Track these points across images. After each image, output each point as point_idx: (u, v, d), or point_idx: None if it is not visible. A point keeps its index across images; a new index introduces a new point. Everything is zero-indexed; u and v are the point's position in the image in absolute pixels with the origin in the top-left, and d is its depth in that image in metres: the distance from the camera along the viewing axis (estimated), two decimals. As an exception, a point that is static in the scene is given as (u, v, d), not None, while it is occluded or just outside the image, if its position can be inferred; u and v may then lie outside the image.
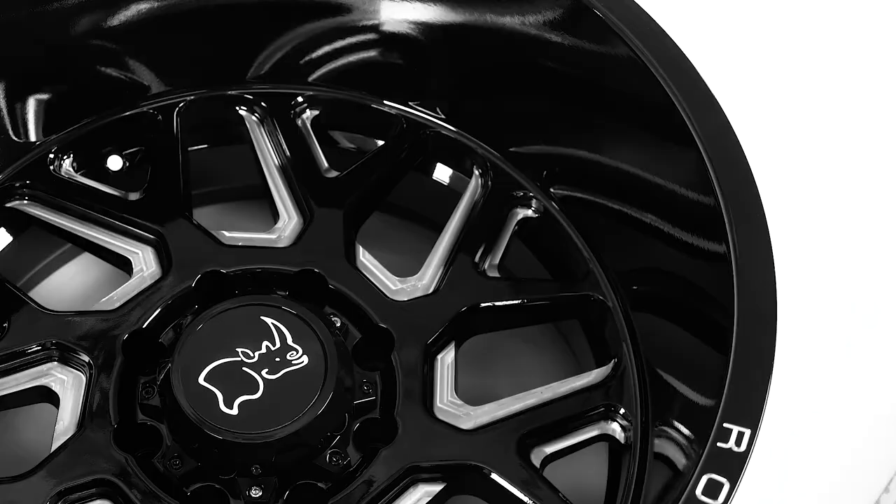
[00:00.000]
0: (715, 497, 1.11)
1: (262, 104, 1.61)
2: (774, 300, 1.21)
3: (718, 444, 1.14)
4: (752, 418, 1.14)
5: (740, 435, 1.14)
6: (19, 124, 1.57)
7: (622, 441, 1.41)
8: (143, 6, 1.57)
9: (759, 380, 1.17)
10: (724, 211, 1.29)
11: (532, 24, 1.50)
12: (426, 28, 1.57)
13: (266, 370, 1.37)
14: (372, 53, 1.62)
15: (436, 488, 1.37)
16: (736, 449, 1.13)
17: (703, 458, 1.13)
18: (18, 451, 1.55)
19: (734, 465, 1.12)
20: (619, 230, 1.51)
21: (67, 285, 1.67)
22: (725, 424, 1.14)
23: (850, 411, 1.21)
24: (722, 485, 1.12)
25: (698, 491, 1.11)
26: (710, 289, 1.35)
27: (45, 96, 1.58)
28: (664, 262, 1.46)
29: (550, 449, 1.41)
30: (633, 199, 1.49)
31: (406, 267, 1.53)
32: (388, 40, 1.61)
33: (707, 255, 1.34)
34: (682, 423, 1.35)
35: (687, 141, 1.33)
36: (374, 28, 1.60)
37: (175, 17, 1.60)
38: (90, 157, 1.60)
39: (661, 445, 1.37)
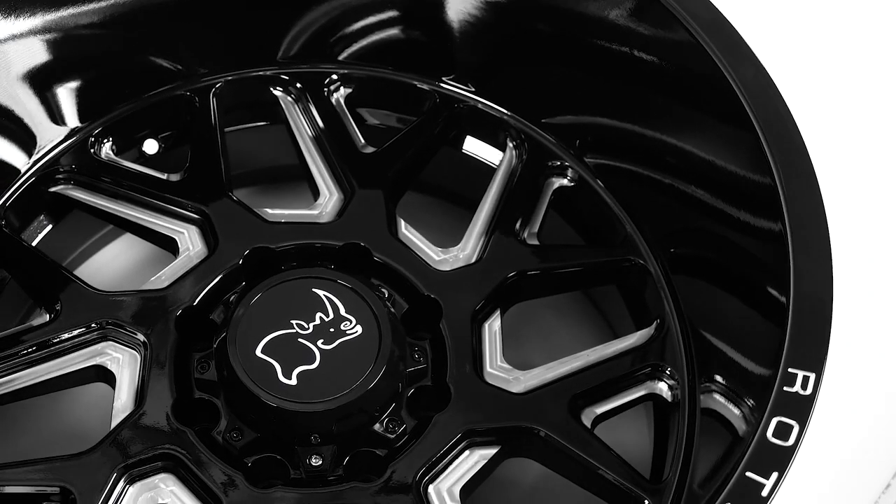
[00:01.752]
0: (786, 439, 1.15)
1: (297, 84, 1.63)
2: (829, 261, 1.25)
3: (785, 389, 1.17)
4: (815, 363, 1.18)
5: (805, 379, 1.18)
6: (57, 111, 1.59)
7: (669, 399, 1.45)
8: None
9: (820, 325, 1.20)
10: (765, 145, 1.32)
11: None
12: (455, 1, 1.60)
13: (321, 341, 1.39)
14: (401, 29, 1.65)
15: (490, 451, 1.40)
16: (802, 392, 1.17)
17: (770, 403, 1.16)
18: (70, 430, 1.57)
19: (802, 408, 1.16)
20: (654, 196, 1.54)
21: (108, 267, 1.69)
22: (790, 369, 1.18)
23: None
24: (791, 427, 1.15)
25: (769, 433, 1.15)
26: (753, 248, 1.39)
27: (81, 82, 1.59)
28: (702, 225, 1.49)
29: (600, 409, 1.44)
30: (669, 166, 1.52)
31: (437, 240, 1.56)
32: (417, 15, 1.63)
33: (754, 212, 1.38)
34: (729, 378, 1.39)
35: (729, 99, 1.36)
36: (403, 3, 1.63)
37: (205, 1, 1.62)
38: (127, 142, 1.63)
39: (708, 401, 1.41)
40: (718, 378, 1.41)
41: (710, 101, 1.43)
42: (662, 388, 1.45)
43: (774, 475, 1.13)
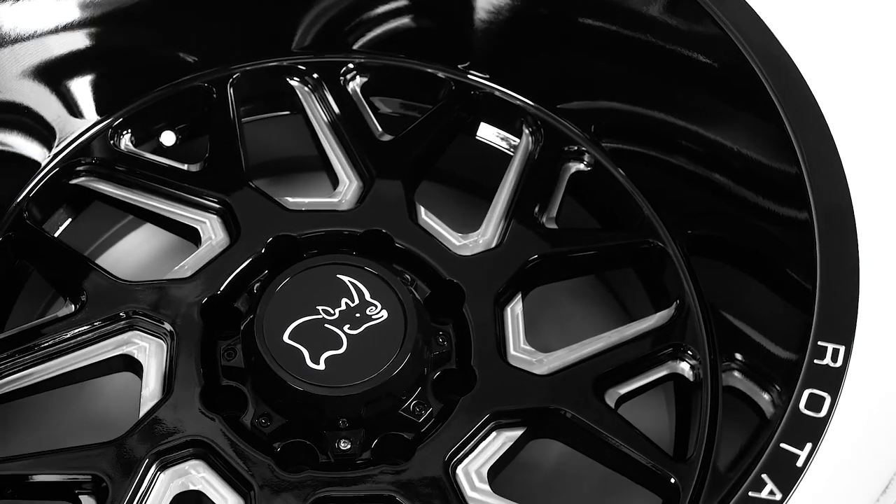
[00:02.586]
0: (818, 410, 1.17)
1: (314, 74, 1.64)
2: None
3: (815, 362, 1.19)
4: (844, 335, 1.20)
5: (835, 351, 1.19)
6: (77, 104, 1.59)
7: (691, 379, 1.46)
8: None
9: (848, 299, 1.22)
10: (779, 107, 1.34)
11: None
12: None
13: (348, 326, 1.40)
14: (415, 17, 1.66)
15: (517, 433, 1.41)
16: (833, 364, 1.19)
17: (801, 375, 1.18)
18: (94, 420, 1.58)
19: (833, 380, 1.18)
20: (670, 179, 1.56)
21: (126, 258, 1.71)
22: (820, 342, 1.20)
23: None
24: (823, 399, 1.17)
25: (801, 405, 1.17)
26: (774, 228, 1.41)
27: (100, 76, 1.60)
28: (720, 207, 1.51)
29: (623, 390, 1.45)
30: (685, 149, 1.54)
31: (452, 228, 1.57)
32: (431, 3, 1.65)
33: (771, 191, 1.40)
34: (750, 356, 1.41)
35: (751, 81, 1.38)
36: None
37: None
38: (146, 134, 1.64)
39: (730, 379, 1.43)
40: (739, 356, 1.43)
41: (729, 84, 1.44)
42: (684, 367, 1.47)
43: (808, 446, 1.15)
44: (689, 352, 1.46)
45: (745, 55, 1.39)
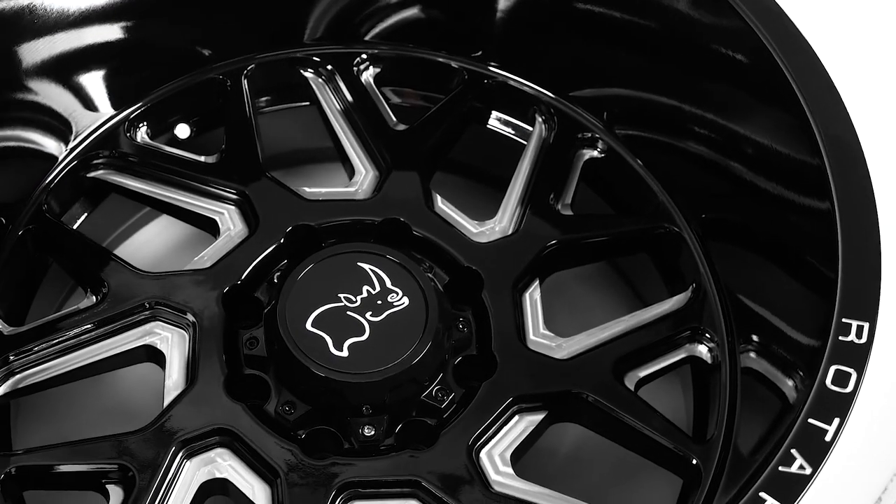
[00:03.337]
0: (844, 386, 1.18)
1: (328, 65, 1.65)
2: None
3: (840, 338, 1.20)
4: (868, 312, 1.21)
5: (860, 328, 1.21)
6: (92, 98, 1.60)
7: (709, 361, 1.48)
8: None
9: (871, 276, 1.24)
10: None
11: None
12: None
13: (370, 313, 1.41)
14: (426, 7, 1.67)
15: (538, 417, 1.43)
16: (857, 341, 1.20)
17: (827, 352, 1.19)
18: (115, 410, 1.59)
19: (859, 356, 1.20)
20: (684, 165, 1.58)
21: (142, 250, 1.71)
22: (844, 319, 1.21)
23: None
24: (849, 374, 1.19)
25: (828, 381, 1.18)
26: (792, 214, 1.43)
27: (115, 69, 1.61)
28: (735, 192, 1.52)
29: (643, 373, 1.47)
30: (698, 135, 1.56)
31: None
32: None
33: (789, 174, 1.41)
34: (768, 337, 1.42)
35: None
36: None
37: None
38: (161, 126, 1.65)
39: (747, 361, 1.45)
40: (756, 338, 1.44)
41: (746, 70, 1.46)
42: (702, 350, 1.48)
43: (836, 421, 1.16)
44: (706, 334, 1.48)
45: (764, 42, 1.40)
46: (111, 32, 1.59)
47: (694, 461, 1.39)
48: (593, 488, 1.57)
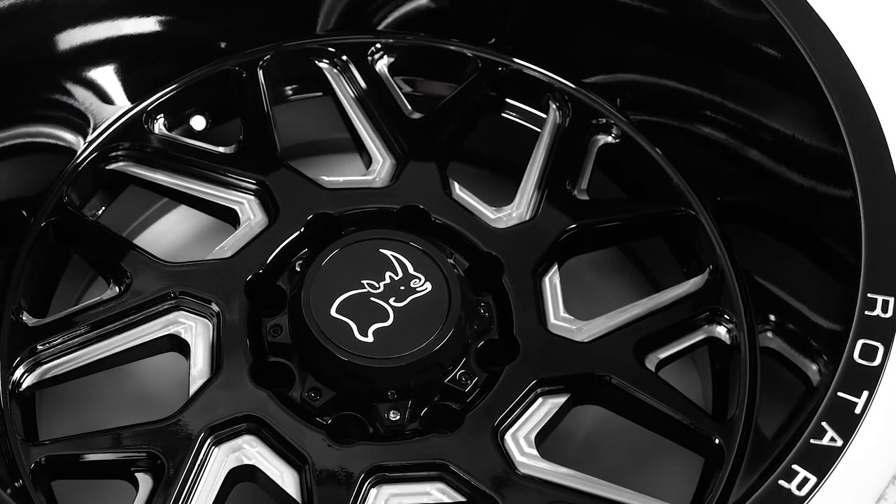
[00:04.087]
0: (872, 359, 1.20)
1: (343, 56, 1.67)
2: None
3: (866, 313, 1.22)
4: (894, 287, 1.23)
5: (885, 303, 1.23)
6: (109, 91, 1.61)
7: (728, 342, 1.49)
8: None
9: (895, 250, 1.26)
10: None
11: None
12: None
13: (393, 298, 1.42)
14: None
15: (561, 399, 1.44)
16: (883, 315, 1.22)
17: (853, 326, 1.21)
18: (137, 399, 1.60)
19: (885, 330, 1.21)
20: (697, 149, 1.59)
21: (159, 241, 1.71)
22: (870, 294, 1.23)
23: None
24: (876, 348, 1.20)
25: (855, 355, 1.20)
26: (809, 195, 1.44)
27: (131, 63, 1.62)
28: (748, 174, 1.54)
29: (663, 354, 1.48)
30: (710, 120, 1.57)
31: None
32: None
33: (805, 157, 1.43)
34: (785, 316, 1.44)
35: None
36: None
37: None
38: (177, 119, 1.66)
39: (765, 341, 1.46)
40: (774, 318, 1.46)
41: (760, 57, 1.47)
42: (721, 331, 1.50)
43: (865, 394, 1.18)
44: (725, 315, 1.49)
45: (782, 23, 1.42)
46: (130, 26, 1.60)
47: (717, 440, 1.40)
48: (612, 471, 1.57)
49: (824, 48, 1.40)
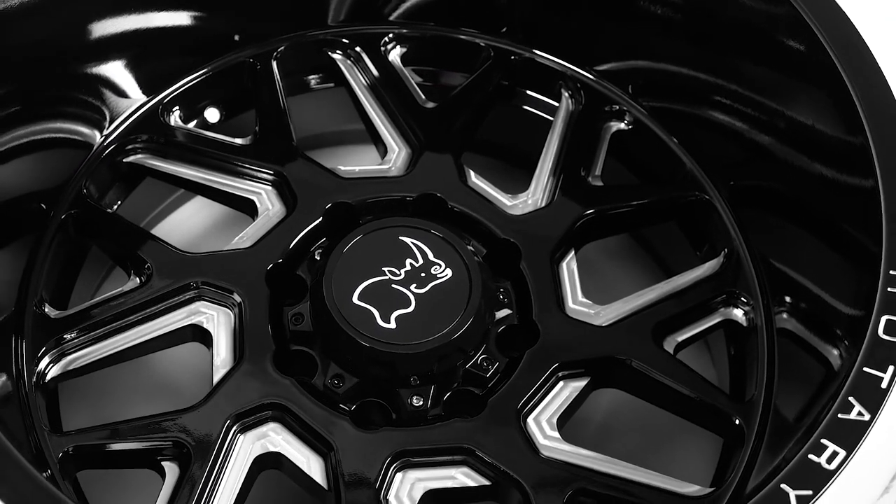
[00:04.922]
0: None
1: (356, 46, 1.68)
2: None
3: (889, 290, 1.24)
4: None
5: (907, 279, 1.25)
6: (125, 85, 1.62)
7: (745, 324, 1.51)
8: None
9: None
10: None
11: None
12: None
13: (414, 285, 1.43)
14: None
15: (581, 383, 1.45)
16: (906, 291, 1.24)
17: (877, 304, 1.22)
18: (159, 388, 1.61)
19: (909, 306, 1.23)
20: (708, 134, 1.61)
21: (175, 232, 1.72)
22: (892, 272, 1.24)
23: None
24: (901, 324, 1.22)
25: (880, 331, 1.21)
26: (824, 177, 1.46)
27: (147, 55, 1.63)
28: (760, 157, 1.55)
29: (681, 337, 1.50)
30: (723, 106, 1.59)
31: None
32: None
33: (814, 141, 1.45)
34: (802, 298, 1.46)
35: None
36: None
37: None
38: (192, 111, 1.66)
39: (782, 322, 1.48)
40: (790, 299, 1.48)
41: (774, 46, 1.49)
42: (738, 314, 1.51)
43: (891, 368, 1.20)
44: (742, 298, 1.51)
45: (804, 17, 1.43)
46: (144, 20, 1.60)
47: (737, 421, 1.42)
48: (629, 455, 1.58)
49: (844, 37, 1.42)
